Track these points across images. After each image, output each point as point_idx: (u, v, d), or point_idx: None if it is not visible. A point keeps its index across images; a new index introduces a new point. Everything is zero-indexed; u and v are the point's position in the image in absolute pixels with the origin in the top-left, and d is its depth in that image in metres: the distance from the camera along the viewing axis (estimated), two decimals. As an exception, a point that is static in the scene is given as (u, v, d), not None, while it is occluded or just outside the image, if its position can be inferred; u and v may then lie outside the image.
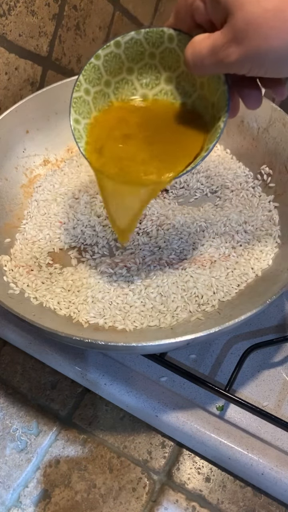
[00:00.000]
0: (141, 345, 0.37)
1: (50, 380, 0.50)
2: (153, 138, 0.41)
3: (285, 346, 0.48)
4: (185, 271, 0.46)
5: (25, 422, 0.48)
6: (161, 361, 0.45)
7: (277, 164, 0.52)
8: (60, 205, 0.54)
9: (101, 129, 0.42)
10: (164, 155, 0.40)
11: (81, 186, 0.55)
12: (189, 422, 0.43)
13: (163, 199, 0.54)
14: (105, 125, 0.42)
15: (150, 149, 0.41)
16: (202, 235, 0.50)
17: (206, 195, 0.55)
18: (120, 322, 0.43)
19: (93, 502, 0.43)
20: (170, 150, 0.40)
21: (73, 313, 0.44)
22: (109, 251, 0.50)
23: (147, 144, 0.41)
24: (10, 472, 0.45)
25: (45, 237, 0.51)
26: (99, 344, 0.37)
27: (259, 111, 0.54)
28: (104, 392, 0.47)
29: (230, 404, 0.44)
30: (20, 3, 0.53)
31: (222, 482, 0.44)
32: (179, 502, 0.43)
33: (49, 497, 0.44)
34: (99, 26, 0.68)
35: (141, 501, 0.43)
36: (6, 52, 0.54)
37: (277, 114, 0.52)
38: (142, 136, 0.41)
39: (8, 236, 0.50)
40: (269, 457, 0.41)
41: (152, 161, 0.40)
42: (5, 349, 0.52)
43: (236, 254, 0.48)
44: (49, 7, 0.57)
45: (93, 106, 0.41)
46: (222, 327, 0.37)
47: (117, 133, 0.41)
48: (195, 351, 0.48)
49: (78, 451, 0.46)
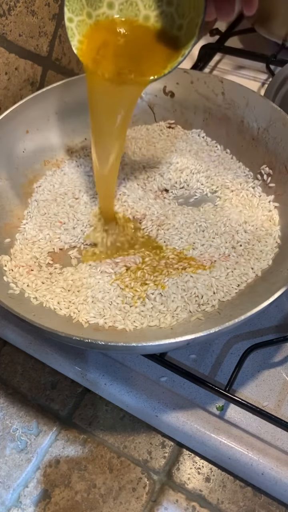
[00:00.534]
0: (141, 345, 0.37)
1: (50, 380, 0.50)
2: (133, 49, 0.45)
3: (285, 346, 0.48)
4: (185, 271, 0.47)
5: (25, 422, 0.48)
6: (161, 361, 0.45)
7: (277, 164, 0.52)
8: (60, 205, 0.54)
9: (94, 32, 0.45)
10: (144, 59, 0.44)
11: (81, 186, 0.55)
12: (189, 422, 0.43)
13: (163, 199, 0.54)
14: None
15: (131, 55, 0.44)
16: (202, 235, 0.50)
17: (206, 195, 0.55)
18: (120, 322, 0.43)
19: (93, 502, 0.43)
20: (149, 56, 0.44)
21: (73, 313, 0.44)
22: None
23: (129, 52, 0.44)
24: (10, 472, 0.45)
25: (45, 237, 0.51)
26: (99, 344, 0.37)
27: (259, 111, 0.54)
28: (104, 392, 0.47)
29: (230, 404, 0.44)
30: (20, 3, 0.53)
31: (222, 482, 0.44)
32: (179, 502, 0.43)
33: (49, 497, 0.44)
34: (99, 26, 0.67)
35: (141, 501, 0.43)
36: (6, 52, 0.54)
37: (277, 114, 0.52)
38: (123, 47, 0.45)
39: (8, 236, 0.50)
40: (269, 457, 0.41)
41: (135, 63, 0.44)
42: (5, 349, 0.52)
43: (236, 254, 0.48)
44: (49, 7, 0.57)
45: (85, 2, 0.44)
46: (222, 327, 0.37)
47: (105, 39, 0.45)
48: (195, 351, 0.48)
49: (78, 451, 0.46)
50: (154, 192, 0.55)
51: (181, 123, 0.61)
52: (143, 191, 0.55)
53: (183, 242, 0.49)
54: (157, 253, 0.49)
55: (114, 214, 0.52)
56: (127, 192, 0.54)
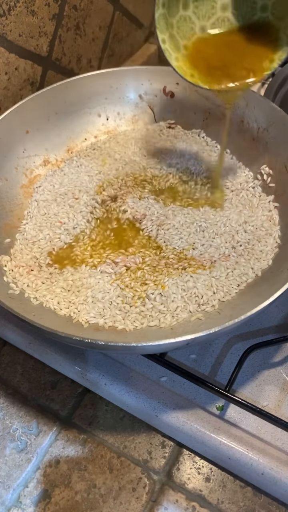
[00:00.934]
0: (141, 345, 0.37)
1: (50, 380, 0.50)
2: (231, 50, 0.47)
3: (285, 346, 0.48)
4: (185, 271, 0.47)
5: (25, 422, 0.48)
6: (161, 361, 0.45)
7: (277, 164, 0.52)
8: (60, 205, 0.54)
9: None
10: (246, 57, 0.47)
11: (81, 186, 0.55)
12: (189, 422, 0.43)
13: (164, 199, 0.54)
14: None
15: (233, 54, 0.47)
16: (202, 235, 0.50)
17: (206, 195, 0.55)
18: (120, 322, 0.43)
19: (93, 502, 0.43)
20: (251, 54, 0.47)
21: (73, 313, 0.44)
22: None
23: (229, 52, 0.47)
24: (10, 472, 0.45)
25: (45, 237, 0.51)
26: (99, 344, 0.37)
27: (259, 111, 0.54)
28: (104, 392, 0.47)
29: (230, 404, 0.44)
30: (20, 3, 0.53)
31: (222, 482, 0.44)
32: (179, 502, 0.43)
33: (49, 497, 0.44)
34: (99, 26, 0.68)
35: (141, 501, 0.43)
36: (6, 52, 0.54)
37: (277, 114, 0.52)
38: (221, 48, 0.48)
39: (8, 236, 0.50)
40: (269, 457, 0.41)
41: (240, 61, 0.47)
42: (5, 349, 0.52)
43: (236, 254, 0.48)
44: (49, 7, 0.57)
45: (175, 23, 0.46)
46: (222, 327, 0.37)
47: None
48: (195, 351, 0.48)
49: (78, 451, 0.46)
50: (154, 192, 0.55)
51: (181, 123, 0.61)
52: (143, 191, 0.55)
53: (183, 242, 0.49)
54: (157, 253, 0.49)
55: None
56: (127, 192, 0.54)
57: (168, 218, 0.51)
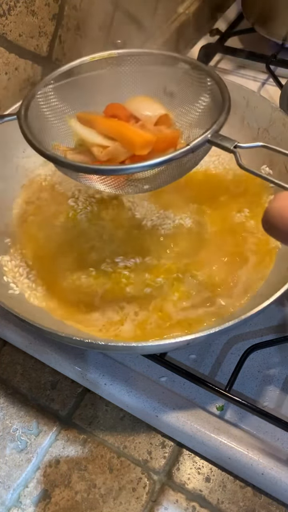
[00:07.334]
0: (141, 345, 0.37)
1: (50, 380, 0.50)
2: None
3: (285, 346, 0.48)
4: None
5: (25, 422, 0.48)
6: (161, 361, 0.45)
7: (277, 164, 0.52)
8: (60, 205, 0.54)
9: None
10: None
11: (81, 186, 0.55)
12: (189, 422, 0.43)
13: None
14: None
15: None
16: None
17: (206, 195, 0.55)
18: (120, 322, 0.43)
19: (93, 502, 0.43)
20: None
21: (73, 313, 0.44)
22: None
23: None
24: (10, 472, 0.45)
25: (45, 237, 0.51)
26: (99, 344, 0.37)
27: (259, 111, 0.54)
28: (104, 392, 0.47)
29: (230, 404, 0.44)
30: (20, 3, 0.53)
31: (222, 482, 0.44)
32: (179, 502, 0.43)
33: (49, 497, 0.44)
34: (99, 26, 0.67)
35: (141, 501, 0.43)
36: (6, 52, 0.54)
37: (277, 114, 0.52)
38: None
39: (8, 236, 0.50)
40: (269, 457, 0.41)
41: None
42: (5, 349, 0.52)
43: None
44: (49, 7, 0.57)
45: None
46: (222, 327, 0.37)
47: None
48: (195, 351, 0.48)
49: (78, 451, 0.46)
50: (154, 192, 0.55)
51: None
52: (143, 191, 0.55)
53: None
54: (157, 253, 0.49)
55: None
56: (127, 192, 0.54)
57: (168, 218, 0.51)
